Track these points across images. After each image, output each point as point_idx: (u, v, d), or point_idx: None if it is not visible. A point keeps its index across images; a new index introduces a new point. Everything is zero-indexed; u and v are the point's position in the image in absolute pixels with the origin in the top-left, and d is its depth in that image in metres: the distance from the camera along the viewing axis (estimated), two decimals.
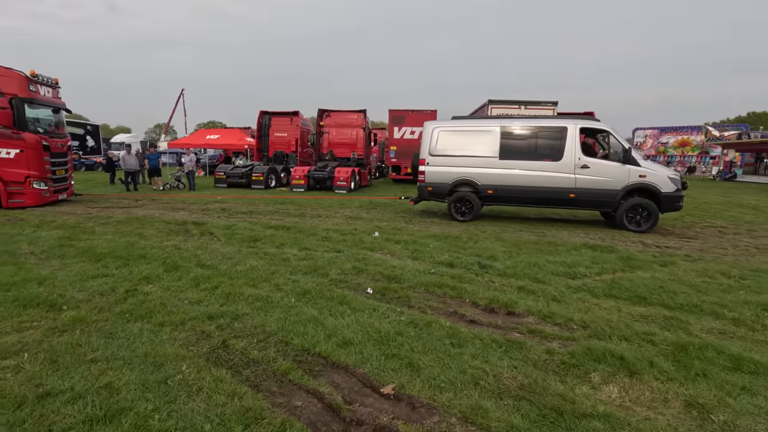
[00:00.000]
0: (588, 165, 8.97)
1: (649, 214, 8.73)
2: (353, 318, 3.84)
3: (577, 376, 2.94)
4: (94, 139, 34.32)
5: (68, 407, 2.45)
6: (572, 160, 9.02)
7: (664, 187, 8.67)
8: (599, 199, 9.01)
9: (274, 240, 7.18)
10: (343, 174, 16.89)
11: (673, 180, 8.73)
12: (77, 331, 3.44)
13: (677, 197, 8.72)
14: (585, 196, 9.03)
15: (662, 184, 8.68)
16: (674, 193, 8.68)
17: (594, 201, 9.09)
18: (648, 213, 8.74)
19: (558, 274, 5.47)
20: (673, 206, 8.78)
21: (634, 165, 8.79)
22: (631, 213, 8.85)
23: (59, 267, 5.31)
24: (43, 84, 11.03)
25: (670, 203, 8.72)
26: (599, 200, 9.04)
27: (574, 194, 9.06)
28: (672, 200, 8.71)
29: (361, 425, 2.42)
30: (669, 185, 8.68)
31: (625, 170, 8.80)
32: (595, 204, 9.19)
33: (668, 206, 8.76)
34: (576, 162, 9.01)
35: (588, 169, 8.96)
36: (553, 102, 15.51)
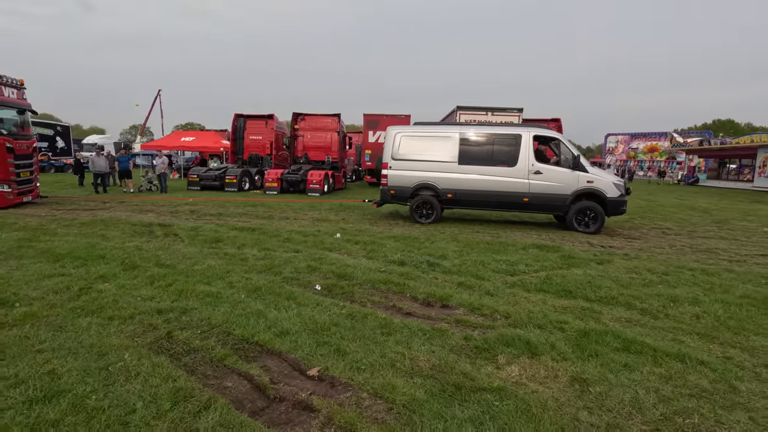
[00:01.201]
0: (541, 171, 9.53)
1: (596, 217, 9.32)
2: (296, 311, 4.12)
3: (486, 358, 3.30)
4: (64, 140, 33.58)
5: (10, 391, 2.66)
6: (526, 166, 9.55)
7: (610, 192, 9.29)
8: (551, 203, 9.57)
9: (237, 241, 7.40)
10: (316, 177, 17.12)
11: (617, 186, 9.37)
12: (27, 326, 3.63)
13: (621, 202, 9.36)
14: (538, 200, 9.57)
15: (608, 190, 9.30)
16: (619, 198, 9.31)
17: (546, 205, 9.64)
18: (595, 216, 9.32)
19: (499, 271, 5.87)
20: (617, 210, 9.41)
21: (583, 171, 9.39)
22: (580, 216, 9.43)
23: (16, 267, 5.42)
24: (7, 85, 10.95)
25: (614, 207, 9.34)
26: (551, 204, 9.60)
27: (528, 198, 9.59)
28: (616, 204, 9.33)
29: (282, 401, 2.71)
30: (614, 190, 9.31)
31: (574, 176, 9.38)
32: (547, 207, 9.74)
33: (613, 210, 9.37)
34: (530, 168, 9.54)
35: (541, 175, 9.52)
36: (519, 108, 16.14)
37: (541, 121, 18.45)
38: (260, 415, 2.58)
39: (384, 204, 11.11)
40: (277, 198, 15.69)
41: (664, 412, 2.63)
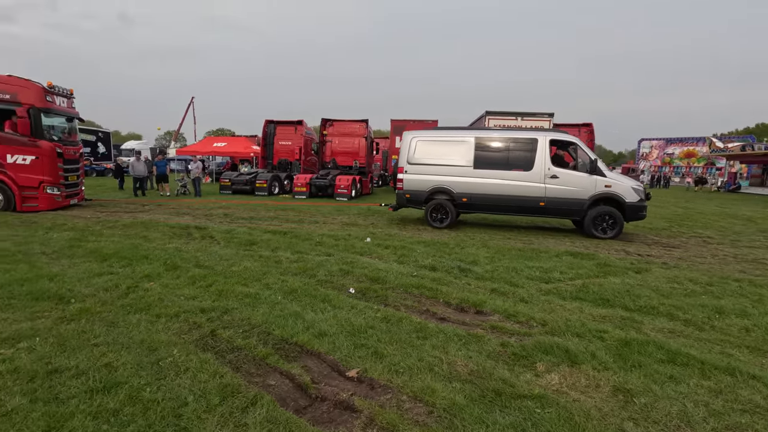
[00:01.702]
0: (557, 175, 9.46)
1: (614, 222, 9.19)
2: (332, 314, 4.20)
3: (524, 365, 3.27)
4: (105, 146, 35.25)
5: (73, 381, 2.84)
6: (542, 170, 9.51)
7: (629, 197, 9.15)
8: (568, 207, 9.49)
9: (270, 244, 7.59)
10: (344, 182, 17.33)
11: (636, 190, 9.22)
12: (83, 321, 3.85)
13: (641, 207, 9.20)
14: (554, 204, 9.50)
15: (626, 194, 9.16)
16: (638, 203, 9.16)
17: (563, 209, 9.57)
18: (613, 221, 9.19)
19: (533, 278, 5.80)
20: (636, 215, 9.25)
21: (600, 176, 9.29)
22: (598, 221, 9.31)
23: (68, 265, 5.75)
24: (58, 94, 11.63)
25: (633, 212, 9.19)
26: (568, 209, 9.52)
27: (544, 203, 9.54)
28: (636, 209, 9.18)
29: (324, 401, 2.78)
30: (633, 195, 9.16)
31: (591, 180, 9.28)
32: (563, 212, 9.67)
33: (632, 215, 9.23)
34: (546, 172, 9.49)
35: (557, 179, 9.45)
36: (549, 113, 15.88)
37: (572, 126, 18.11)
38: (304, 413, 2.65)
39: (400, 208, 11.20)
40: (306, 202, 15.97)
41: (715, 427, 2.55)
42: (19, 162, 10.75)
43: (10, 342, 3.38)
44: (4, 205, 10.68)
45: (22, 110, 10.52)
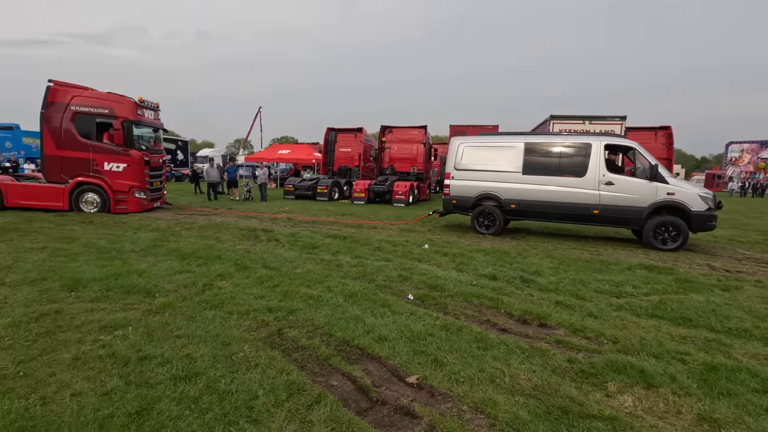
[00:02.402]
0: (613, 182, 8.94)
1: (677, 233, 8.50)
2: (392, 319, 4.26)
3: (593, 384, 3.10)
4: (183, 153, 38.38)
5: (159, 368, 3.13)
6: (596, 176, 9.04)
7: (695, 206, 8.42)
8: (624, 216, 8.93)
9: (331, 248, 7.84)
10: (401, 188, 17.46)
11: (704, 198, 8.45)
12: (166, 314, 4.23)
13: (709, 216, 8.43)
14: (609, 212, 8.99)
15: (692, 203, 8.44)
16: (706, 212, 8.41)
17: (619, 218, 9.02)
18: (677, 231, 8.51)
19: (602, 291, 5.46)
20: (704, 225, 8.52)
21: (662, 182, 8.63)
22: (659, 231, 8.67)
23: (153, 263, 6.34)
24: (147, 108, 12.91)
25: (701, 222, 8.46)
26: (624, 217, 8.96)
27: (598, 210, 9.04)
28: (703, 219, 8.43)
29: (384, 405, 2.83)
30: (700, 204, 8.43)
31: (652, 187, 8.68)
32: (620, 221, 9.11)
33: (699, 225, 8.51)
34: (600, 178, 9.01)
35: (613, 186, 8.93)
36: (621, 116, 14.86)
37: (648, 130, 16.85)
38: (365, 415, 2.71)
39: (447, 214, 11.15)
40: (364, 207, 16.27)
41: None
42: (113, 169, 12.05)
43: (108, 330, 3.80)
44: (101, 207, 12.01)
45: (118, 123, 11.79)
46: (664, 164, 16.74)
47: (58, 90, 11.86)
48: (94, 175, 11.96)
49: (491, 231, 10.08)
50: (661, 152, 16.80)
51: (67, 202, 11.85)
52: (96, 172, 11.97)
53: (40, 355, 3.30)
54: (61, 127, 11.78)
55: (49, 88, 11.81)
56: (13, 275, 5.44)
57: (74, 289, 4.92)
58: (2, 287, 4.95)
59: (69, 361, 3.20)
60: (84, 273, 5.50)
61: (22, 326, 3.83)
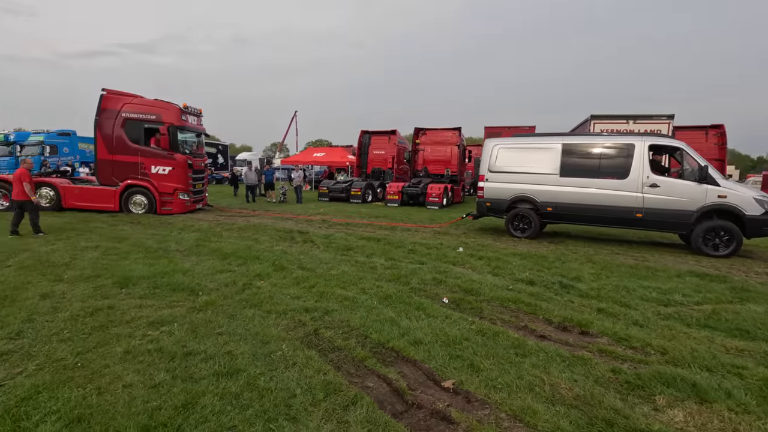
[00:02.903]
0: (658, 184, 8.50)
1: (730, 238, 7.99)
2: (426, 322, 4.23)
3: (640, 396, 2.96)
4: (223, 157, 39.79)
5: (203, 364, 3.26)
6: (639, 178, 8.63)
7: (750, 210, 7.89)
8: (670, 220, 8.48)
9: (365, 250, 7.89)
10: (435, 190, 17.34)
11: (760, 202, 7.91)
12: (209, 311, 4.40)
13: (766, 221, 7.86)
14: (653, 216, 8.56)
15: (747, 206, 7.92)
16: (762, 217, 7.86)
17: (664, 222, 8.58)
18: (729, 237, 8.00)
19: (648, 299, 5.20)
20: (760, 231, 7.98)
21: (712, 184, 8.12)
22: (709, 236, 8.18)
23: (196, 262, 6.61)
24: (190, 113, 13.51)
25: (756, 227, 7.93)
26: (670, 221, 8.51)
27: (642, 214, 8.62)
28: (759, 224, 7.90)
29: (420, 408, 2.81)
30: (755, 208, 7.89)
31: (701, 190, 8.19)
32: (665, 225, 8.65)
33: (754, 231, 7.97)
34: (644, 180, 8.60)
35: (658, 188, 8.50)
36: (668, 115, 14.11)
37: (698, 129, 15.92)
38: (401, 418, 2.71)
39: (480, 217, 10.99)
40: (398, 210, 16.28)
41: None
42: (160, 172, 12.68)
43: (156, 325, 4.00)
44: (148, 208, 12.65)
45: (164, 128, 12.40)
46: (716, 165, 15.77)
47: (111, 98, 12.62)
48: (142, 178, 12.63)
49: (526, 234, 9.87)
50: (712, 153, 15.82)
51: (118, 203, 12.57)
52: (144, 175, 12.64)
53: (95, 347, 3.52)
54: (112, 132, 12.52)
55: (103, 96, 12.59)
56: (70, 272, 5.83)
57: (125, 286, 5.21)
58: (61, 283, 5.31)
59: (121, 355, 3.39)
60: (133, 271, 5.81)
61: (79, 320, 4.09)
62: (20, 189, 8.45)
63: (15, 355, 3.36)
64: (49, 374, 3.06)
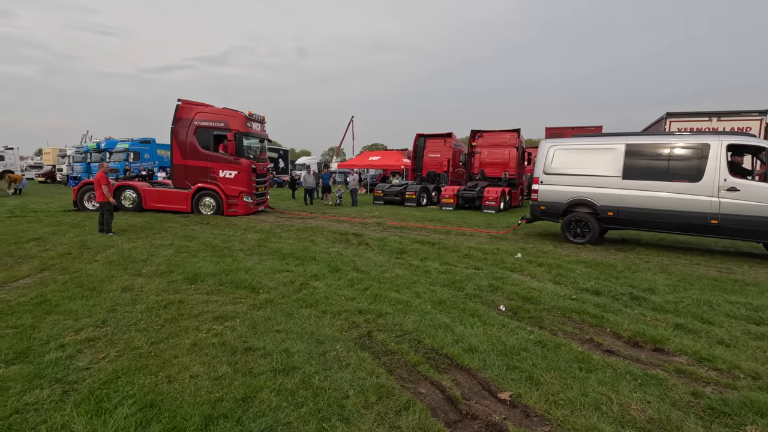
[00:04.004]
0: (737, 187, 7.68)
1: None
2: (482, 329, 4.10)
3: (727, 425, 2.63)
4: (283, 161, 41.60)
5: (261, 359, 3.39)
6: (715, 181, 7.86)
7: None
8: (752, 227, 7.66)
9: (419, 253, 7.83)
10: (492, 194, 16.86)
11: None
12: (268, 309, 4.58)
13: None
14: (732, 223, 7.76)
15: None
16: None
17: (745, 229, 7.74)
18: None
19: (736, 316, 4.66)
20: None
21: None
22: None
23: (258, 261, 6.93)
24: (255, 120, 14.27)
25: None
26: (753, 229, 7.66)
27: (717, 221, 7.83)
28: None
29: (474, 419, 2.71)
30: None
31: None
32: (746, 233, 7.79)
33: None
34: (720, 184, 7.82)
35: (737, 193, 7.70)
36: (761, 111, 12.63)
37: None
38: (454, 427, 2.63)
39: (534, 221, 10.51)
40: (452, 214, 16.03)
41: None
42: (226, 176, 13.51)
43: (220, 320, 4.23)
44: (216, 209, 13.51)
45: (231, 135, 13.21)
46: None
47: (185, 107, 13.66)
48: (211, 182, 13.52)
49: (585, 240, 9.32)
50: None
51: (190, 205, 13.55)
52: (212, 179, 13.52)
53: (166, 338, 3.79)
54: (186, 139, 13.54)
55: (178, 106, 13.65)
56: (148, 267, 6.35)
57: (194, 282, 5.58)
58: (140, 278, 5.80)
59: (188, 346, 3.61)
60: (201, 268, 6.21)
61: (153, 312, 4.44)
62: (101, 191, 9.36)
63: (100, 342, 3.70)
64: (128, 361, 3.34)
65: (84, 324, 4.08)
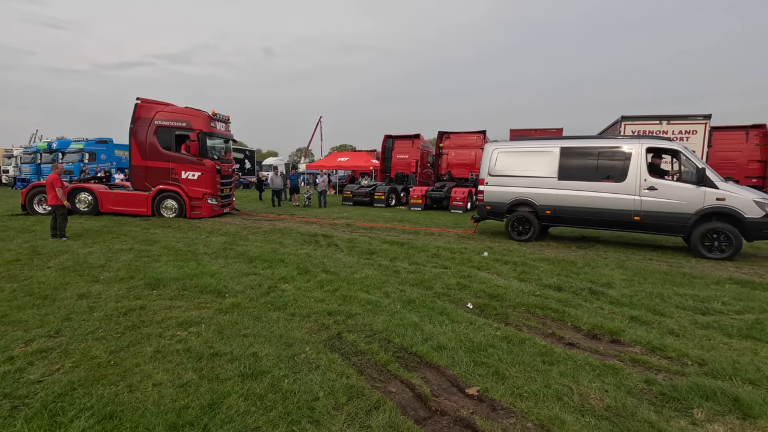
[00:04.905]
0: (655, 186, 8.41)
1: (729, 241, 7.85)
2: (450, 327, 4.17)
3: (676, 409, 2.81)
4: (250, 162, 40.71)
5: (228, 364, 3.32)
6: (637, 181, 8.58)
7: (749, 212, 7.75)
8: (667, 222, 8.41)
9: (388, 254, 7.88)
10: (459, 194, 17.18)
11: (761, 204, 7.70)
12: (235, 313, 4.48)
13: (766, 224, 7.64)
14: (651, 219, 8.53)
15: (746, 209, 7.78)
16: (763, 219, 7.66)
17: (661, 225, 8.48)
18: (728, 239, 7.85)
19: (684, 308, 4.97)
20: (761, 234, 7.80)
21: (711, 187, 7.99)
22: (707, 238, 8.03)
23: (224, 265, 6.76)
24: (219, 120, 13.90)
25: (757, 230, 7.79)
26: (668, 224, 8.42)
27: (639, 217, 8.56)
28: (759, 227, 7.73)
29: (443, 415, 2.77)
30: (755, 210, 7.71)
31: (699, 193, 8.09)
32: (663, 228, 8.53)
33: (756, 233, 7.84)
34: (641, 183, 8.52)
35: (655, 191, 8.40)
36: (705, 115, 13.53)
37: (739, 129, 15.19)
38: (423, 424, 2.67)
39: (481, 220, 10.99)
40: (421, 214, 16.21)
41: None
42: (189, 177, 13.08)
43: (184, 326, 4.10)
44: (178, 212, 13.06)
45: (194, 135, 12.80)
46: (758, 167, 15.02)
47: (144, 106, 13.13)
48: (173, 183, 13.06)
49: (526, 238, 9.82)
50: (753, 153, 15.07)
51: (150, 207, 13.02)
52: (174, 181, 13.06)
53: (127, 346, 3.64)
54: (146, 139, 13.02)
55: (137, 105, 13.11)
56: (106, 273, 6.06)
57: (156, 288, 5.38)
58: (97, 284, 5.53)
59: (151, 354, 3.49)
60: (164, 273, 5.99)
61: (113, 320, 4.25)
62: (54, 194, 8.86)
63: (54, 353, 3.51)
64: (84, 371, 3.18)
65: (35, 335, 3.85)
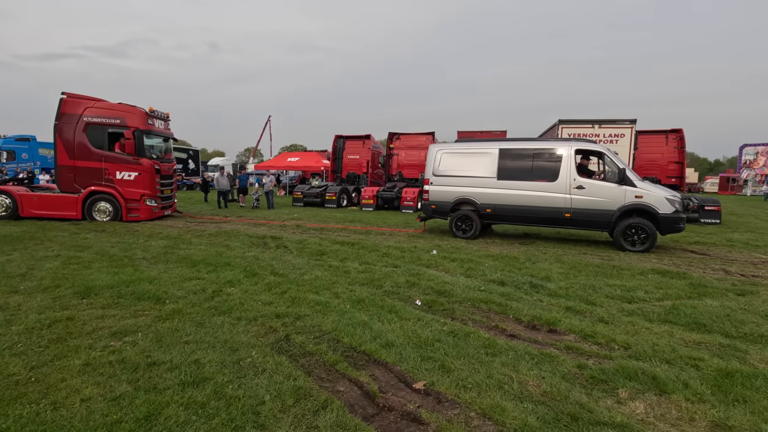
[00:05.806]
0: (583, 186, 9.17)
1: (646, 235, 8.69)
2: (399, 324, 4.24)
3: (604, 390, 3.05)
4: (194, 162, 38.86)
5: (167, 373, 3.16)
6: (567, 180, 9.26)
7: (662, 208, 8.65)
8: (594, 219, 9.17)
9: (339, 254, 7.85)
10: (410, 194, 17.46)
11: (671, 201, 8.66)
12: (176, 320, 4.27)
13: (677, 219, 8.65)
14: (580, 215, 9.23)
15: (660, 205, 8.67)
16: (673, 215, 8.62)
17: (589, 221, 9.25)
18: (646, 234, 8.69)
19: (613, 297, 5.39)
20: (672, 228, 8.75)
21: (630, 186, 8.82)
22: (628, 233, 8.86)
23: (164, 270, 6.40)
24: (158, 118, 13.14)
25: (669, 224, 8.71)
26: (594, 220, 9.19)
27: (570, 214, 9.27)
28: (671, 222, 8.67)
29: (390, 411, 2.81)
30: (667, 206, 8.66)
31: (620, 191, 8.89)
32: (590, 224, 9.31)
33: (668, 228, 8.76)
34: (571, 183, 9.22)
35: (583, 190, 9.16)
36: (631, 120, 14.74)
37: (659, 133, 16.68)
38: (371, 421, 2.70)
39: (427, 219, 11.36)
40: (373, 214, 16.29)
41: None
42: (125, 178, 12.26)
43: (119, 336, 3.85)
44: (113, 215, 12.19)
45: (129, 133, 12.01)
46: (676, 168, 16.57)
47: (71, 102, 12.13)
48: (106, 185, 12.17)
49: (468, 235, 10.24)
50: (672, 156, 16.62)
51: (80, 211, 12.05)
52: (108, 182, 12.18)
53: (51, 360, 3.35)
54: (74, 138, 12.03)
55: (62, 100, 12.08)
56: (27, 283, 5.54)
57: (86, 296, 4.99)
58: (16, 295, 5.04)
59: (79, 367, 3.24)
60: (96, 280, 5.58)
61: (34, 333, 3.89)
62: None
63: None
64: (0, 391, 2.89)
65: None
